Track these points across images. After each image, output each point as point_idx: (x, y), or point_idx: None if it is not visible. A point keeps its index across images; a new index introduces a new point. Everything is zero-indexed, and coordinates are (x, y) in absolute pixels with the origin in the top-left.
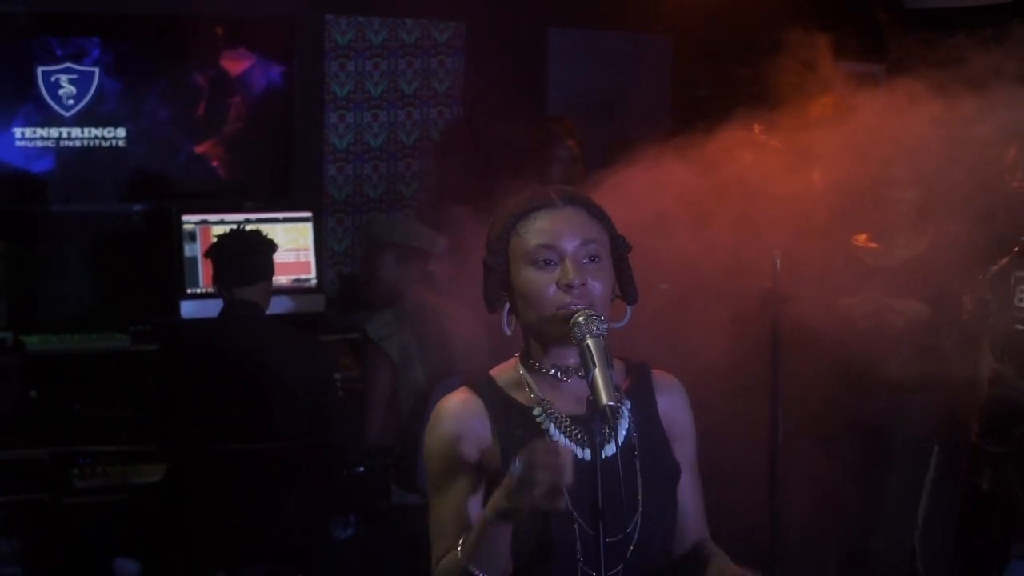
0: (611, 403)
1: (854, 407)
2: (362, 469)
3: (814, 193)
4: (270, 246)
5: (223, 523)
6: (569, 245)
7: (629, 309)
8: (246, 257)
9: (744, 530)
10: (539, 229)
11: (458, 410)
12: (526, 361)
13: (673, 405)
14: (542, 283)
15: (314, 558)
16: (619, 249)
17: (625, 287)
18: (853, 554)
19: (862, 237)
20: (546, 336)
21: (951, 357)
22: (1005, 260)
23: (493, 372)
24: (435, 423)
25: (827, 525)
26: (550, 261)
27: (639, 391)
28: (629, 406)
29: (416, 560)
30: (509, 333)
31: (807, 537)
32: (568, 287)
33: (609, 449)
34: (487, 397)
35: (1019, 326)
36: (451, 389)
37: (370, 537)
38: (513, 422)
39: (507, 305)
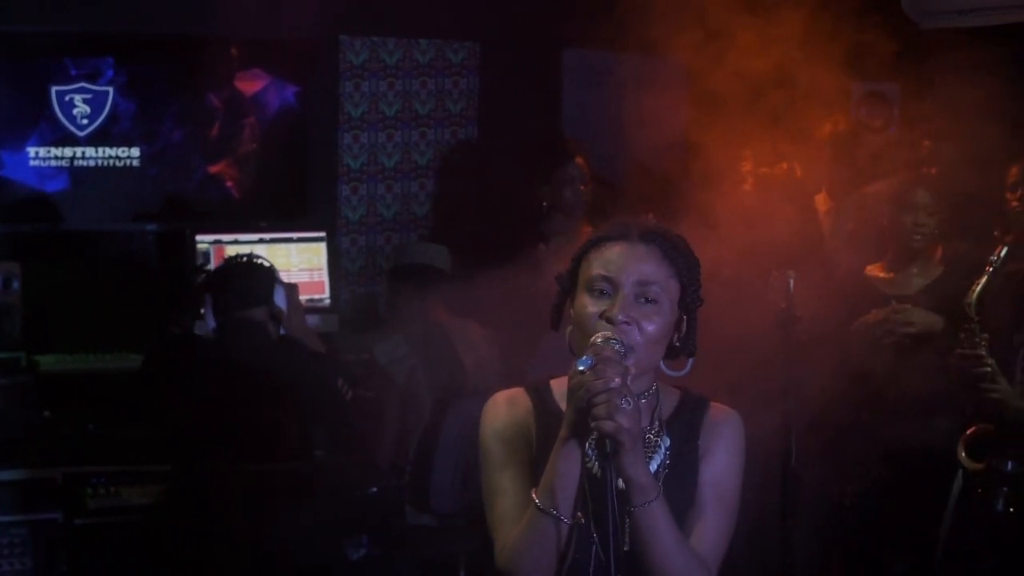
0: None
1: (878, 431)
2: (375, 490)
3: (817, 217)
4: (268, 272)
5: (234, 543)
6: (627, 281)
7: (690, 361)
8: (242, 281)
9: (755, 553)
10: (605, 259)
11: (512, 402)
12: None
13: (713, 434)
14: (590, 311)
15: None
16: (687, 300)
17: (684, 338)
18: None
19: (876, 268)
20: None
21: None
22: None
23: (554, 381)
24: (490, 414)
25: (838, 550)
26: (605, 292)
27: (685, 425)
28: (668, 443)
29: None
30: (573, 354)
31: (817, 561)
32: (609, 320)
33: None
34: (536, 401)
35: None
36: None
37: (383, 558)
38: (552, 432)
39: (571, 327)
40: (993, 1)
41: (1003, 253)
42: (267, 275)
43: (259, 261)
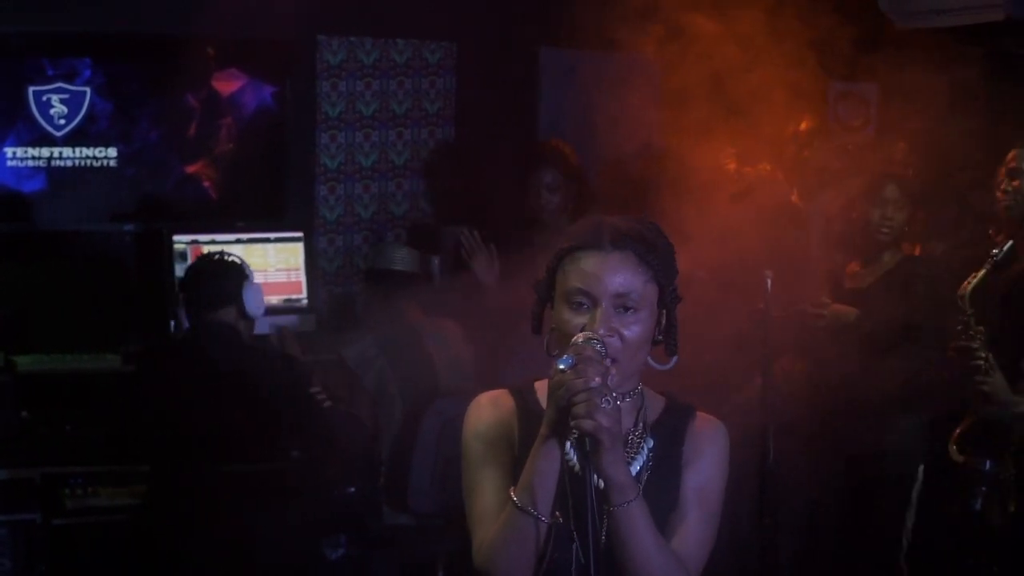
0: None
1: (845, 435)
2: (352, 489)
3: (795, 213)
4: (237, 269)
5: (212, 544)
6: (605, 294)
7: (675, 358)
8: (211, 281)
9: (734, 552)
10: (581, 271)
11: (496, 403)
12: None
13: (698, 443)
14: (572, 324)
15: None
16: (666, 299)
17: (667, 337)
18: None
19: (853, 265)
20: None
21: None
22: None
23: (538, 384)
24: (473, 415)
25: (816, 548)
26: (584, 305)
27: (670, 431)
28: (652, 445)
29: None
30: (553, 355)
31: (797, 560)
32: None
33: None
34: (519, 402)
35: None
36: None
37: (361, 558)
38: (534, 434)
39: (550, 330)
40: (969, 1)
41: (1007, 248)
42: (236, 272)
43: (229, 259)
